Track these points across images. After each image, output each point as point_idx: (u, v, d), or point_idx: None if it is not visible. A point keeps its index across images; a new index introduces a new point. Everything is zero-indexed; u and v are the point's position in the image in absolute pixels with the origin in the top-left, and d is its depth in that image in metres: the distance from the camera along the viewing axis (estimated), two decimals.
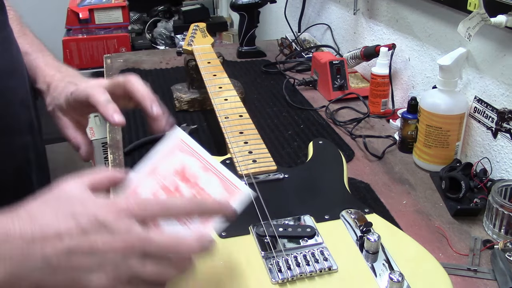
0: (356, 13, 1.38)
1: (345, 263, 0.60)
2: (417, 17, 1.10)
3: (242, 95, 1.15)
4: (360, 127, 1.10)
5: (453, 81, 0.89)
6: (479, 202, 0.79)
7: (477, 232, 0.77)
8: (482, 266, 0.70)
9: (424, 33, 1.08)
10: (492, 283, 0.67)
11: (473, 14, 0.82)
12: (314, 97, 1.26)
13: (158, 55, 1.59)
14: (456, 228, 0.78)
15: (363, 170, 0.94)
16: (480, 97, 0.91)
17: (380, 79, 1.13)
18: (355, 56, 1.27)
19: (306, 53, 1.49)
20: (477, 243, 0.74)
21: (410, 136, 0.98)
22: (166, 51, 1.78)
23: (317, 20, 1.64)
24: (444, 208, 0.83)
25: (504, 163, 0.87)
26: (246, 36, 1.53)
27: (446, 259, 0.71)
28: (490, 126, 0.89)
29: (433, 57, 1.05)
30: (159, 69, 1.46)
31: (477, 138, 0.93)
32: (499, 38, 0.85)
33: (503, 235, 0.74)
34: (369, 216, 0.68)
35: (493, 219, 0.75)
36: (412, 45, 1.13)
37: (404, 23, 1.16)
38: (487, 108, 0.89)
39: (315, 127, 1.10)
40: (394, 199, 0.85)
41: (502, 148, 0.87)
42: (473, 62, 0.93)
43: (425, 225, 0.78)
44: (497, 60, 0.87)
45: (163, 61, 1.52)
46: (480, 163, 0.86)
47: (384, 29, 1.25)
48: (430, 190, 0.88)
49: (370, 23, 1.32)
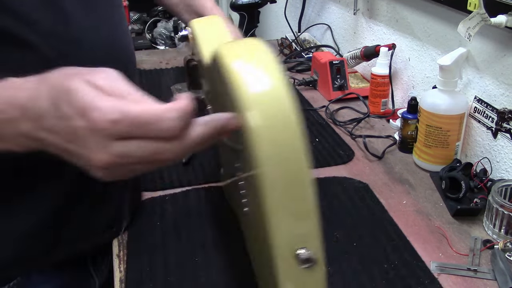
0: (356, 13, 1.38)
1: None
2: (417, 17, 1.10)
3: None
4: (360, 127, 1.10)
5: (453, 81, 0.89)
6: (479, 202, 0.79)
7: (477, 232, 0.77)
8: (482, 266, 0.70)
9: (424, 33, 1.08)
10: (492, 283, 0.67)
11: (473, 14, 0.82)
12: (314, 97, 1.26)
13: (158, 55, 1.59)
14: (456, 228, 0.78)
15: (363, 170, 0.94)
16: (480, 97, 0.91)
17: (380, 79, 1.13)
18: (355, 56, 1.27)
19: (306, 53, 1.49)
20: (477, 243, 0.74)
21: (410, 136, 0.98)
22: (166, 51, 1.78)
23: (317, 20, 1.64)
24: (444, 208, 0.83)
25: (504, 163, 0.87)
26: (246, 36, 1.53)
27: (446, 259, 0.71)
28: (490, 126, 0.89)
29: (433, 57, 1.05)
30: (159, 69, 1.46)
31: (477, 138, 0.93)
32: (499, 38, 0.85)
33: (503, 235, 0.74)
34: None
35: (493, 219, 0.75)
36: (412, 45, 1.13)
37: (404, 23, 1.16)
38: (487, 108, 0.89)
39: (315, 127, 1.10)
40: (394, 199, 0.85)
41: (502, 148, 0.87)
42: (473, 62, 0.92)
43: (425, 225, 0.78)
44: (497, 60, 0.87)
45: (163, 61, 1.52)
46: (480, 163, 0.86)
47: (384, 29, 1.25)
48: (430, 190, 0.88)
49: (370, 23, 1.32)
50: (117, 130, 0.41)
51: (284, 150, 0.41)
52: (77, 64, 0.63)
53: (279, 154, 0.41)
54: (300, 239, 0.43)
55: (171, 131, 0.41)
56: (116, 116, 0.40)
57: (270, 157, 0.40)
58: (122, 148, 0.41)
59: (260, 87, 0.42)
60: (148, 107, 0.41)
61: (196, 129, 0.43)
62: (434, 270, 0.69)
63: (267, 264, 0.47)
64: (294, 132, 0.41)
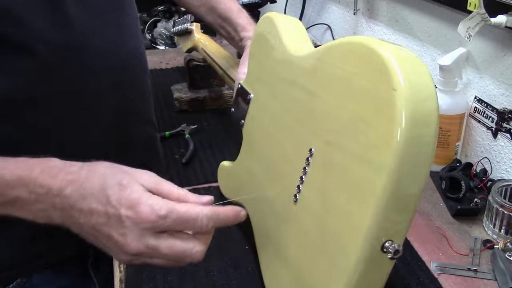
0: (356, 13, 1.38)
1: None
2: (417, 17, 1.10)
3: None
4: None
5: (453, 81, 0.89)
6: (479, 202, 0.79)
7: (477, 232, 0.77)
8: (482, 266, 0.70)
9: (424, 33, 1.08)
10: (492, 283, 0.67)
11: (473, 14, 0.82)
12: None
13: (158, 55, 1.59)
14: (456, 228, 0.78)
15: None
16: (480, 97, 0.91)
17: None
18: None
19: None
20: (477, 243, 0.74)
21: None
22: (166, 51, 1.78)
23: (317, 20, 1.64)
24: (444, 208, 0.83)
25: (504, 163, 0.87)
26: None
27: (446, 259, 0.71)
28: (490, 126, 0.89)
29: (433, 57, 1.05)
30: (159, 69, 1.46)
31: (477, 138, 0.93)
32: (499, 38, 0.85)
33: (503, 235, 0.74)
34: None
35: (493, 219, 0.75)
36: (412, 45, 1.13)
37: (404, 23, 1.16)
38: (487, 108, 0.89)
39: None
40: None
41: (502, 148, 0.87)
42: (473, 62, 0.92)
43: (425, 225, 0.78)
44: (497, 60, 0.87)
45: (163, 61, 1.52)
46: (480, 163, 0.86)
47: (384, 29, 1.25)
48: (430, 190, 0.88)
49: (370, 23, 1.32)
50: (161, 224, 0.48)
51: (419, 142, 0.42)
52: (80, 69, 0.65)
53: (416, 139, 0.42)
54: (392, 227, 0.44)
55: (206, 227, 0.50)
56: (163, 212, 0.47)
57: (409, 142, 0.41)
58: (155, 242, 0.48)
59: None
60: (190, 207, 0.49)
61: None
62: (434, 270, 0.69)
63: (328, 252, 0.48)
64: (433, 127, 0.43)
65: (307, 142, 0.53)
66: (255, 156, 0.69)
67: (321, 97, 0.52)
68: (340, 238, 0.46)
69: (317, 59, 0.54)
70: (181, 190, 0.52)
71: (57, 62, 0.62)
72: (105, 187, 0.49)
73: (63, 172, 0.51)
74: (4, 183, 0.51)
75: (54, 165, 0.52)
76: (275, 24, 0.67)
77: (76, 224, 0.51)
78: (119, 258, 0.50)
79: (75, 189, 0.50)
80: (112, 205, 0.48)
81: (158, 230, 0.48)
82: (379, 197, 0.42)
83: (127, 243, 0.48)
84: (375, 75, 0.44)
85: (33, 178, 0.51)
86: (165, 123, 1.12)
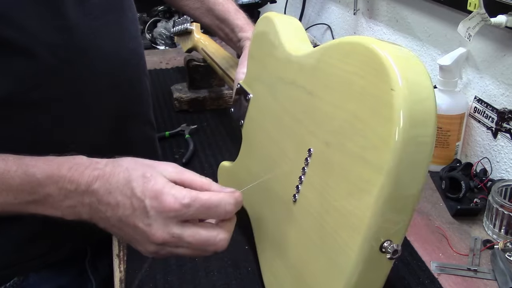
0: (356, 13, 1.38)
1: None
2: (417, 17, 1.10)
3: None
4: None
5: (453, 81, 0.89)
6: (479, 202, 0.79)
7: (477, 232, 0.77)
8: (482, 266, 0.70)
9: (424, 33, 1.08)
10: (492, 283, 0.67)
11: (473, 14, 0.82)
12: None
13: (158, 55, 1.59)
14: (456, 228, 0.78)
15: None
16: (480, 97, 0.91)
17: None
18: None
19: None
20: (477, 243, 0.74)
21: None
22: (166, 51, 1.78)
23: (317, 20, 1.64)
24: (444, 208, 0.82)
25: (504, 163, 0.87)
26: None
27: (446, 259, 0.71)
28: (490, 126, 0.89)
29: (433, 57, 1.05)
30: (159, 69, 1.46)
31: (477, 138, 0.93)
32: (499, 38, 0.85)
33: (503, 235, 0.74)
34: None
35: (493, 219, 0.75)
36: (412, 45, 1.13)
37: (404, 23, 1.16)
38: (487, 108, 0.89)
39: None
40: None
41: (502, 148, 0.87)
42: (473, 62, 0.92)
43: (425, 225, 0.78)
44: (497, 60, 0.87)
45: (163, 61, 1.52)
46: (480, 163, 0.86)
47: (384, 29, 1.25)
48: (430, 190, 0.88)
49: (370, 23, 1.32)
50: (185, 212, 0.48)
51: (417, 141, 0.42)
52: (81, 70, 0.65)
53: (414, 139, 0.42)
54: (391, 227, 0.44)
55: (229, 213, 0.51)
56: (187, 201, 0.48)
57: (407, 142, 0.41)
58: (179, 230, 0.49)
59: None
60: (212, 195, 0.50)
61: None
62: (434, 270, 0.69)
63: (324, 251, 0.48)
64: (431, 127, 0.43)
65: (306, 142, 0.53)
66: (255, 156, 0.69)
67: (320, 97, 0.52)
68: (339, 238, 0.46)
69: (316, 59, 0.54)
70: (204, 179, 0.53)
71: (57, 64, 0.62)
72: (129, 180, 0.50)
73: (89, 169, 0.52)
74: (35, 181, 0.52)
75: (81, 162, 0.53)
76: (274, 24, 0.67)
77: (103, 219, 0.52)
78: (146, 248, 0.51)
79: (101, 184, 0.51)
80: (137, 197, 0.49)
81: (182, 219, 0.49)
82: (377, 197, 0.42)
83: (153, 232, 0.48)
84: (373, 75, 0.44)
85: (63, 175, 0.52)
86: (165, 123, 1.12)
